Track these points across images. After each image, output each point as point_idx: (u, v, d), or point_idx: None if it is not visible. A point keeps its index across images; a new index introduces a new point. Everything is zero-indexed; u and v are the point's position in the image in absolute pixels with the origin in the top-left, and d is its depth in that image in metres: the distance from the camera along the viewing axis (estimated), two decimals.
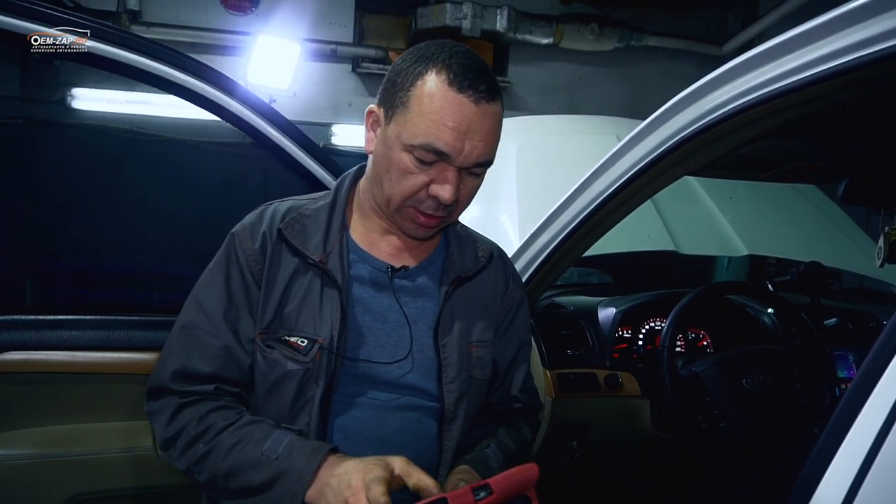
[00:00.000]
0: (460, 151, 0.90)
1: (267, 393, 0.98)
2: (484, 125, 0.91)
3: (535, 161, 2.34)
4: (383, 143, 0.95)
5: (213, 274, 1.01)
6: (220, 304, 0.98)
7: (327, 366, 0.95)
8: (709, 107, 1.10)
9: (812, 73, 0.92)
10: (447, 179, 0.92)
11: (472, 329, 1.06)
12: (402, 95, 0.92)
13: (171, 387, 0.96)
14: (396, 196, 0.95)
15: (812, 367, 1.61)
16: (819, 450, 0.60)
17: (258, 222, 1.02)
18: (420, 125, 0.89)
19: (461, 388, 1.02)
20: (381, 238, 1.05)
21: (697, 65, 5.25)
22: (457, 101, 0.89)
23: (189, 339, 0.98)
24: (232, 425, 0.92)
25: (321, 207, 1.04)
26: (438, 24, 4.60)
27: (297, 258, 0.99)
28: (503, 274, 1.15)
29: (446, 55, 0.91)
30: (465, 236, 1.13)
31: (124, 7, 4.21)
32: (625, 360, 1.77)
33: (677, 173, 1.28)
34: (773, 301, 1.77)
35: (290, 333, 0.97)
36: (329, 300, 0.98)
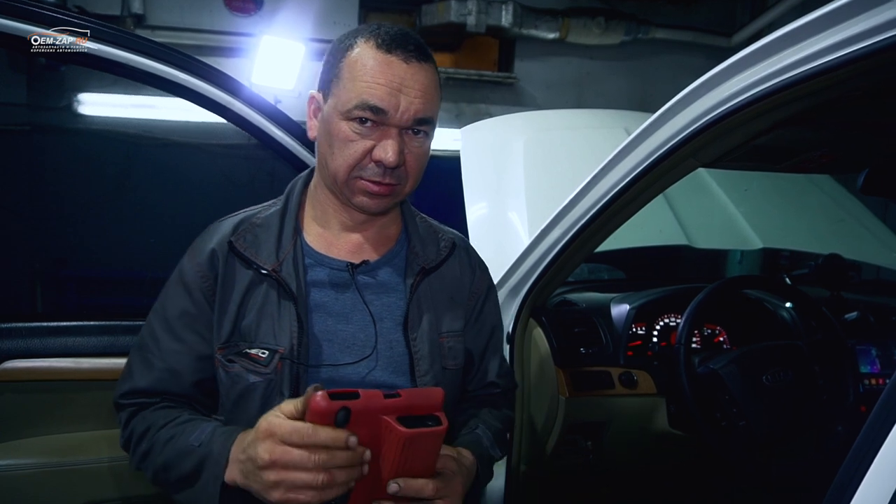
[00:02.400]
0: (396, 107, 0.90)
1: (233, 407, 0.98)
2: (417, 81, 0.91)
3: (544, 157, 2.30)
4: (323, 122, 0.96)
5: (162, 298, 1.03)
6: (165, 326, 1.00)
7: (290, 375, 0.95)
8: (724, 96, 1.07)
9: (829, 60, 0.89)
10: (389, 141, 0.92)
11: (442, 320, 1.06)
12: (333, 70, 0.94)
13: (119, 402, 1.01)
14: (341, 168, 0.94)
15: (834, 362, 1.56)
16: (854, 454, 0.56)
17: (205, 239, 1.02)
18: (353, 89, 0.90)
19: (435, 379, 1.02)
20: (339, 236, 1.03)
21: (706, 57, 5.19)
22: (386, 61, 0.90)
23: (142, 361, 1.01)
24: (171, 422, 0.95)
25: (272, 214, 1.03)
26: (443, 21, 4.57)
27: (250, 270, 0.98)
28: (468, 263, 1.15)
29: (373, 27, 0.94)
30: (425, 227, 1.12)
31: (128, 11, 4.21)
32: (639, 357, 1.74)
33: (691, 165, 1.24)
34: (792, 295, 1.73)
35: (251, 346, 0.96)
36: (286, 310, 0.96)
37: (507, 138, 2.33)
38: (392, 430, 0.79)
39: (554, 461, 1.72)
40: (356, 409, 0.77)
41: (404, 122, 0.92)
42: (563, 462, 1.73)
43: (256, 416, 0.89)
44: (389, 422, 0.79)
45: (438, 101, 0.97)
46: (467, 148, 2.32)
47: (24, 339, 1.36)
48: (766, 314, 1.81)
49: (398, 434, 0.79)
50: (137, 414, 1.00)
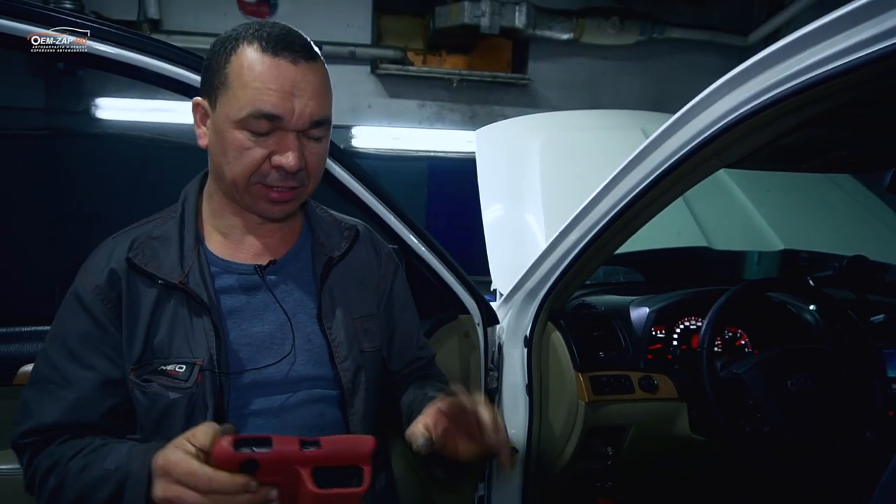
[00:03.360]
0: (291, 112, 0.88)
1: (154, 428, 0.94)
2: (309, 83, 0.90)
3: (560, 158, 2.28)
4: (215, 131, 0.92)
5: (57, 326, 0.97)
6: (67, 354, 0.94)
7: (212, 386, 0.92)
8: (748, 95, 1.05)
9: (853, 59, 0.88)
10: (287, 146, 0.90)
11: (354, 305, 1.07)
12: (219, 77, 0.90)
13: (21, 442, 0.94)
14: (240, 176, 0.91)
15: (861, 366, 1.53)
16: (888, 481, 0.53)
17: (100, 259, 0.98)
18: (244, 96, 0.87)
19: (355, 362, 1.03)
20: (242, 240, 1.02)
21: (722, 56, 5.13)
22: (274, 65, 0.88)
23: (40, 394, 0.94)
24: (80, 452, 0.90)
25: (170, 226, 1.00)
26: (457, 23, 4.55)
27: (155, 286, 0.95)
28: (373, 248, 1.16)
29: (253, 29, 0.91)
30: (326, 218, 1.12)
31: (145, 16, 4.24)
32: (659, 361, 1.71)
33: (715, 165, 1.22)
34: (816, 297, 1.69)
35: (166, 362, 0.93)
36: (199, 320, 0.94)
37: (522, 140, 2.32)
38: (304, 487, 0.73)
39: (573, 466, 1.70)
40: (265, 460, 0.72)
41: (300, 125, 0.90)
42: (583, 467, 1.71)
43: (180, 433, 0.85)
44: (303, 477, 0.73)
45: (331, 99, 0.95)
46: (482, 150, 2.30)
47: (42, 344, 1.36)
48: (789, 317, 1.78)
49: (308, 493, 0.73)
50: (40, 452, 0.93)
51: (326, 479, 0.74)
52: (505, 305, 1.72)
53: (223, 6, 4.54)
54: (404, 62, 4.74)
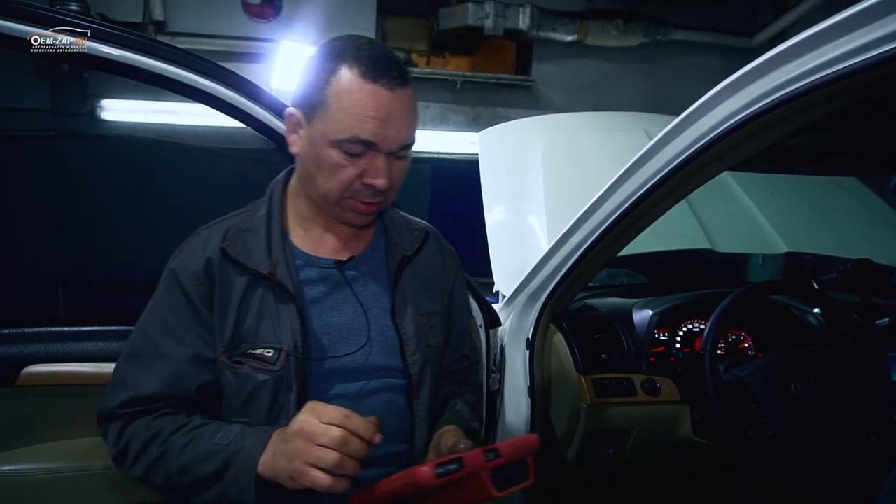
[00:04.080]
0: (385, 138, 0.95)
1: (242, 407, 1.01)
2: (402, 110, 0.96)
3: (563, 160, 2.28)
4: (309, 143, 0.98)
5: (156, 304, 1.04)
6: (166, 332, 1.01)
7: (296, 370, 0.99)
8: (752, 97, 1.04)
9: (859, 61, 0.87)
10: (378, 167, 0.96)
11: (422, 303, 1.14)
12: (319, 95, 0.95)
13: (118, 412, 1.00)
14: (333, 191, 0.98)
15: (865, 369, 1.52)
16: None
17: (198, 247, 1.04)
18: (343, 120, 0.93)
19: (423, 357, 1.10)
20: (323, 236, 1.09)
21: (726, 58, 5.11)
22: (373, 92, 0.93)
23: (138, 368, 1.01)
24: (182, 427, 0.97)
25: (258, 219, 1.07)
26: (461, 25, 4.55)
27: (245, 274, 1.02)
28: (439, 250, 1.23)
29: (353, 49, 0.95)
30: (398, 219, 1.19)
31: (150, 18, 4.25)
32: (662, 364, 1.71)
33: (718, 168, 1.21)
34: (820, 300, 1.69)
35: (254, 347, 1.00)
36: (285, 309, 1.01)
37: (525, 141, 2.32)
38: (485, 490, 0.82)
39: (575, 469, 1.69)
40: (458, 478, 0.81)
41: (392, 149, 0.97)
42: (585, 470, 1.71)
43: (266, 412, 0.99)
44: (484, 481, 0.82)
45: (417, 119, 1.01)
46: (485, 152, 2.30)
47: (46, 344, 1.37)
48: (793, 320, 1.77)
49: (489, 494, 0.82)
50: (132, 423, 0.99)
51: (499, 477, 0.83)
52: (507, 307, 1.72)
53: (228, 8, 4.55)
54: (408, 64, 4.74)
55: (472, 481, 0.82)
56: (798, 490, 1.39)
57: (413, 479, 0.81)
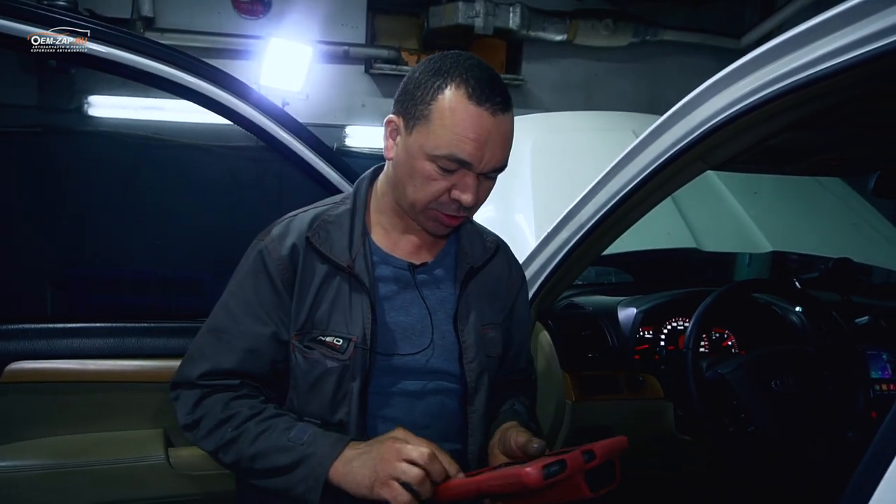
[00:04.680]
0: (480, 160, 0.97)
1: (308, 389, 1.05)
2: (501, 134, 0.98)
3: (551, 159, 2.29)
4: (405, 152, 1.01)
5: (241, 283, 1.08)
6: (248, 310, 1.05)
7: (362, 362, 1.03)
8: (734, 97, 1.06)
9: (841, 61, 0.88)
10: (468, 185, 0.99)
11: (485, 313, 1.15)
12: (422, 109, 0.98)
13: (197, 382, 1.04)
14: (421, 201, 1.02)
15: (844, 367, 1.54)
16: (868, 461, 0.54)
17: (286, 233, 1.08)
18: (443, 137, 0.96)
19: (480, 366, 1.11)
20: (401, 237, 1.12)
21: (715, 59, 5.15)
22: (477, 114, 0.95)
23: (218, 342, 1.06)
24: (258, 415, 1.00)
25: (343, 213, 1.10)
26: (451, 23, 4.56)
27: (325, 264, 1.06)
28: (507, 262, 1.25)
29: (462, 69, 0.98)
30: (471, 230, 1.21)
31: (138, 14, 4.23)
32: (646, 361, 1.72)
33: (700, 168, 1.23)
34: (802, 299, 1.71)
35: (325, 334, 1.04)
36: (358, 301, 1.05)
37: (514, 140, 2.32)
38: (579, 490, 0.82)
39: None
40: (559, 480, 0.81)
41: (485, 171, 0.99)
42: None
43: (330, 398, 1.03)
44: (580, 481, 0.82)
45: (512, 145, 1.03)
46: None
47: (31, 341, 1.37)
48: (775, 318, 1.80)
49: (584, 495, 0.82)
50: (211, 396, 1.03)
51: (591, 478, 0.83)
52: None
53: (217, 4, 4.53)
54: (398, 62, 4.74)
55: (567, 482, 0.83)
56: (778, 486, 1.41)
57: (519, 479, 0.81)
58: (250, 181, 4.13)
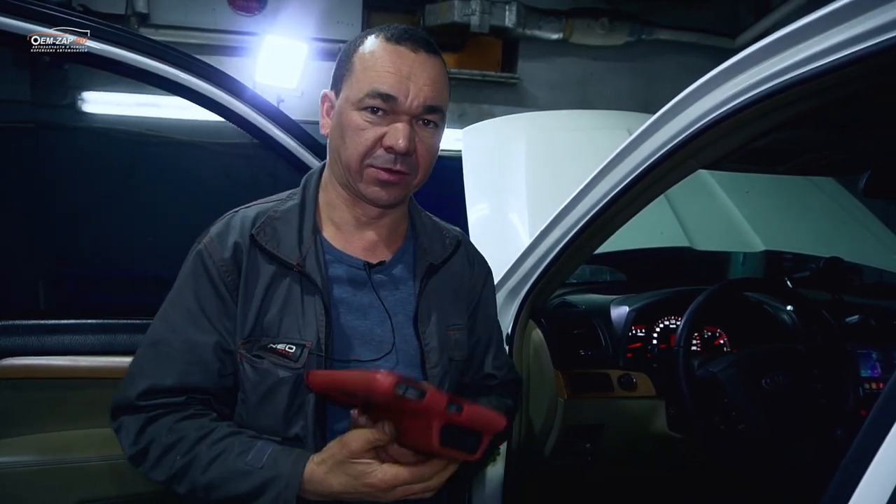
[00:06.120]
0: (406, 93, 0.93)
1: (259, 402, 0.97)
2: (426, 70, 0.95)
3: (545, 157, 2.29)
4: (336, 116, 0.98)
5: (180, 290, 1.00)
6: (189, 318, 0.97)
7: (318, 369, 0.96)
8: (724, 97, 1.06)
9: (831, 60, 0.88)
10: (399, 128, 0.94)
11: (447, 314, 1.09)
12: (345, 65, 0.97)
13: (137, 404, 0.94)
14: (353, 157, 0.96)
15: (834, 366, 1.55)
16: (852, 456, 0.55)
17: (226, 231, 1.00)
18: (364, 79, 0.93)
19: (443, 370, 1.05)
20: (354, 234, 1.05)
21: (709, 58, 5.16)
22: (395, 51, 0.94)
23: (159, 356, 0.96)
24: (208, 436, 0.92)
25: (291, 209, 1.03)
26: (446, 21, 4.56)
27: (273, 264, 0.98)
28: (467, 258, 1.18)
29: (383, 26, 0.98)
30: (430, 224, 1.16)
31: (133, 10, 4.21)
32: (639, 359, 1.73)
33: (692, 167, 1.23)
34: (793, 298, 1.72)
35: (275, 341, 0.96)
36: (311, 304, 0.97)
37: (509, 139, 2.33)
38: (428, 437, 0.77)
39: (552, 463, 1.71)
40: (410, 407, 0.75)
41: (414, 108, 0.94)
42: (562, 464, 1.73)
43: (283, 411, 0.95)
44: (433, 430, 0.77)
45: (447, 93, 0.99)
46: (469, 148, 2.31)
47: (22, 337, 1.36)
48: (766, 317, 1.80)
49: (430, 444, 0.77)
50: (156, 420, 0.94)
51: (448, 435, 0.78)
52: None
53: (212, 1, 4.52)
54: None
55: (420, 422, 0.78)
56: (768, 484, 1.42)
57: (368, 383, 0.75)
58: (244, 178, 4.12)
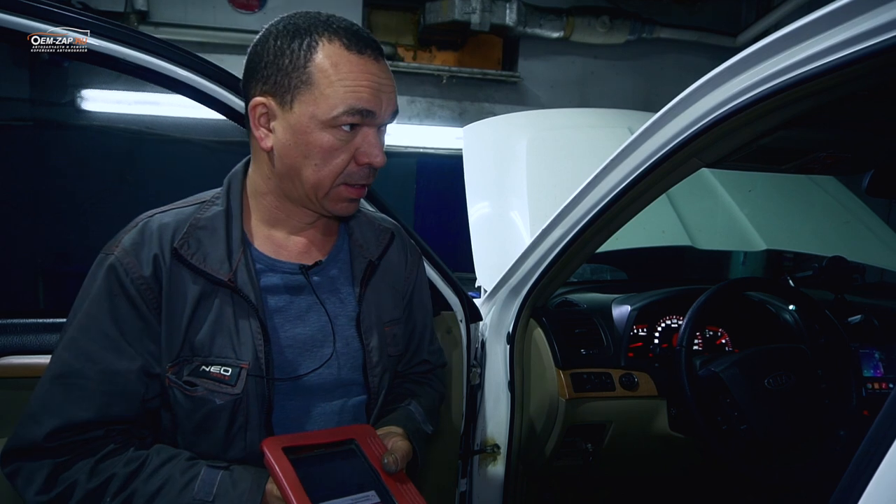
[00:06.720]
0: (380, 106, 0.90)
1: (195, 429, 0.90)
2: (388, 78, 0.92)
3: (546, 156, 2.29)
4: (291, 132, 0.88)
5: (92, 314, 0.87)
6: (106, 344, 0.86)
7: (258, 391, 0.90)
8: (728, 95, 1.05)
9: (834, 59, 0.88)
10: (372, 143, 0.91)
11: (385, 310, 1.06)
12: (298, 75, 0.87)
13: (45, 446, 0.82)
14: (326, 179, 0.91)
15: (837, 366, 1.55)
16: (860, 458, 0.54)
17: (141, 242, 0.90)
18: (336, 95, 0.86)
19: (382, 369, 1.03)
20: (286, 240, 0.99)
21: (711, 57, 5.16)
22: (362, 62, 0.88)
23: (71, 390, 0.84)
24: (141, 469, 0.84)
25: (215, 216, 0.94)
26: (447, 19, 4.54)
27: (199, 279, 0.90)
28: (402, 249, 1.15)
29: (323, 24, 0.89)
30: (362, 219, 1.11)
31: (132, 7, 4.20)
32: (640, 359, 1.72)
33: (695, 165, 1.22)
34: (795, 297, 1.71)
35: (207, 362, 0.88)
36: (245, 321, 0.90)
37: (509, 137, 2.32)
38: None
39: (553, 463, 1.70)
40: None
41: (386, 118, 0.92)
42: (563, 464, 1.72)
43: (223, 437, 0.90)
44: None
45: None
46: (470, 147, 2.30)
47: (20, 336, 1.35)
48: (769, 317, 1.80)
49: None
50: (70, 466, 0.83)
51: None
52: (488, 302, 1.73)
53: None
54: (394, 58, 4.73)
55: None
56: (770, 484, 1.41)
57: None
58: None
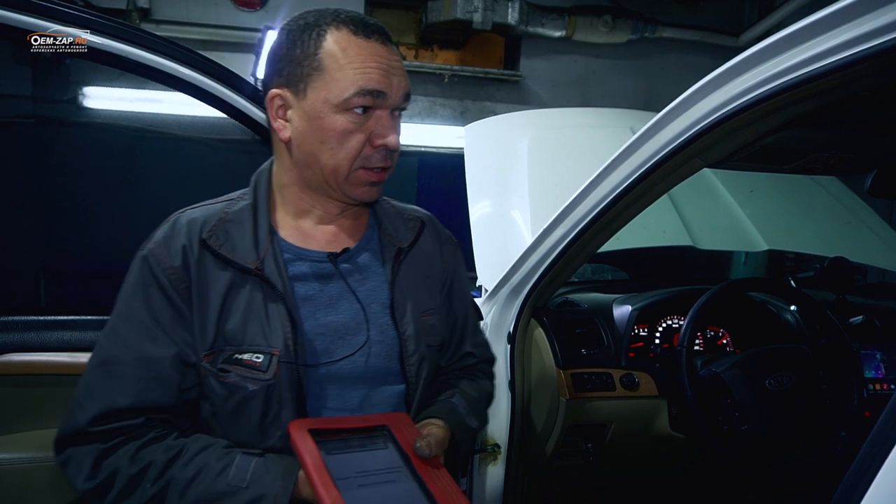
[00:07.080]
0: (391, 87, 0.92)
1: (231, 416, 0.92)
2: (397, 61, 0.94)
3: (548, 155, 2.28)
4: (306, 119, 0.92)
5: (128, 301, 0.93)
6: (142, 331, 0.90)
7: (290, 378, 0.91)
8: (730, 95, 1.05)
9: (836, 60, 0.88)
10: (386, 125, 0.93)
11: (421, 299, 1.06)
12: (309, 63, 0.91)
13: (90, 430, 0.87)
14: (343, 162, 0.93)
15: (838, 366, 1.54)
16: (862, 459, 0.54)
17: (172, 235, 0.94)
18: (346, 77, 0.89)
19: (420, 358, 1.02)
20: (315, 229, 1.01)
21: (713, 56, 5.14)
22: (369, 46, 0.91)
23: (111, 377, 0.89)
24: (178, 456, 0.86)
25: (243, 209, 0.98)
26: (449, 18, 4.54)
27: (228, 269, 0.93)
28: (436, 238, 1.15)
29: (331, 15, 0.93)
30: (390, 210, 1.12)
31: (134, 5, 4.19)
32: (641, 359, 1.72)
33: (696, 165, 1.22)
34: (797, 298, 1.71)
35: (240, 350, 0.90)
36: (275, 308, 0.92)
37: (511, 136, 2.32)
38: None
39: (554, 462, 1.70)
40: None
41: (398, 100, 0.94)
42: (564, 464, 1.72)
43: (258, 425, 0.91)
44: None
45: None
46: (471, 145, 2.30)
47: (21, 333, 1.36)
48: (770, 317, 1.80)
49: None
50: (115, 451, 0.87)
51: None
52: (489, 301, 1.73)
53: None
54: None
55: None
56: (771, 485, 1.41)
57: None
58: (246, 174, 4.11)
